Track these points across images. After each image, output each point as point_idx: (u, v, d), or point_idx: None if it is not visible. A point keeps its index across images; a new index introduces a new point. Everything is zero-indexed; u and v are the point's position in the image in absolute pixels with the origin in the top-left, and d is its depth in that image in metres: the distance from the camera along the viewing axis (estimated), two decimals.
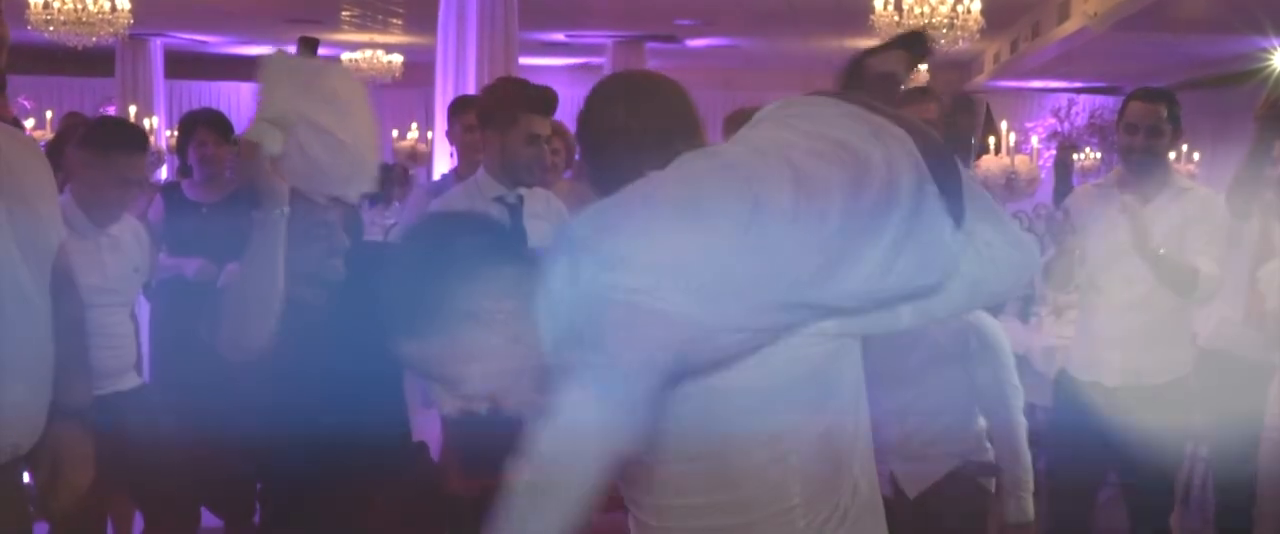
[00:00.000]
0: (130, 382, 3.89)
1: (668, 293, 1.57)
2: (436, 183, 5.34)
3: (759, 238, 1.62)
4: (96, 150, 3.66)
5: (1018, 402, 3.38)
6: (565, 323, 1.65)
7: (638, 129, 2.02)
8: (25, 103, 12.62)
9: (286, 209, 2.45)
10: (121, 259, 3.83)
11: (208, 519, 4.49)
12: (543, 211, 3.90)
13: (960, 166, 1.78)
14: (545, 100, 3.83)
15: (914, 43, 2.33)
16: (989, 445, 3.41)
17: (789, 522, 1.83)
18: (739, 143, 1.82)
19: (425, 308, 1.69)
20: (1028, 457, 3.36)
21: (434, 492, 2.90)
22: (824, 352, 1.80)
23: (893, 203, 1.67)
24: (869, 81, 2.22)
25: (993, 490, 3.43)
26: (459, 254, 1.71)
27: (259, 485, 2.90)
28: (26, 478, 2.94)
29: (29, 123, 9.51)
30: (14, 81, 4.04)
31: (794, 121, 1.79)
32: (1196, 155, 12.24)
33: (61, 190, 3.88)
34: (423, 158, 12.48)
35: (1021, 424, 3.37)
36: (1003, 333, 3.40)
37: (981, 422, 3.42)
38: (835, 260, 1.66)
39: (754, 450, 1.81)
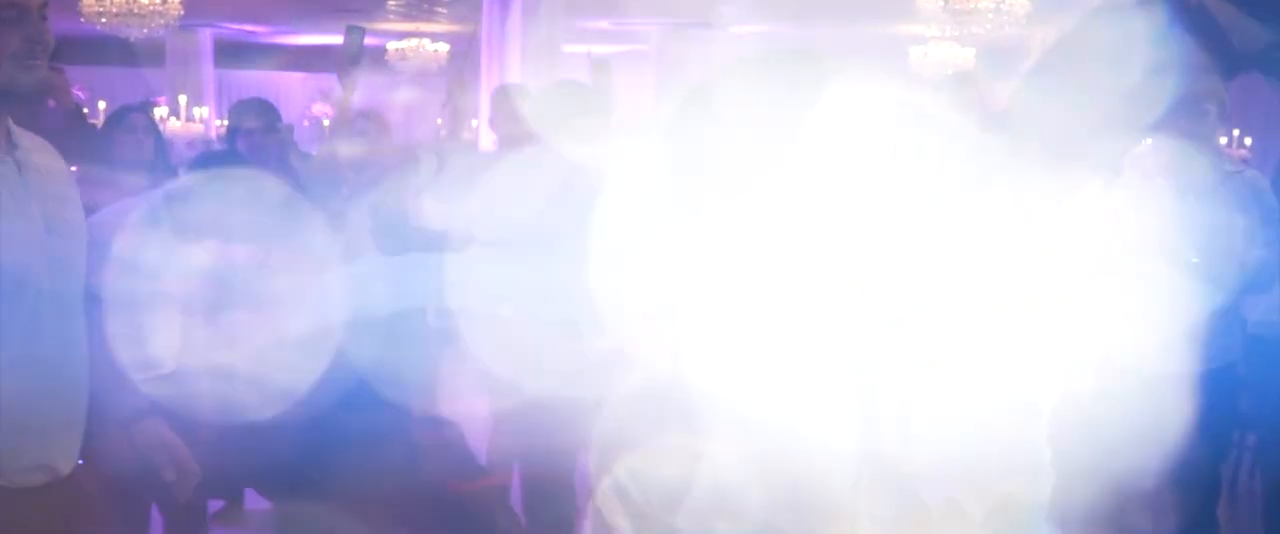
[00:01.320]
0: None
1: None
2: None
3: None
4: None
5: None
6: None
7: None
8: (78, 93, 12.81)
9: None
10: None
11: (253, 501, 4.55)
12: None
13: None
14: (599, 108, 3.86)
15: None
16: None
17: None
18: None
19: None
20: None
21: (445, 482, 2.93)
22: None
23: None
24: None
25: None
26: None
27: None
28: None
29: None
30: (66, 72, 4.12)
31: None
32: (1248, 140, 12.06)
33: None
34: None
35: None
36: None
37: None
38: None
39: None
